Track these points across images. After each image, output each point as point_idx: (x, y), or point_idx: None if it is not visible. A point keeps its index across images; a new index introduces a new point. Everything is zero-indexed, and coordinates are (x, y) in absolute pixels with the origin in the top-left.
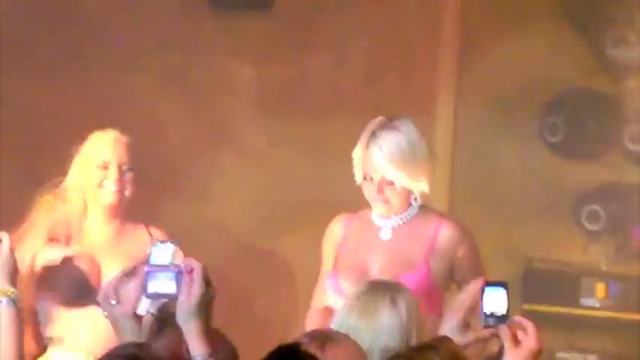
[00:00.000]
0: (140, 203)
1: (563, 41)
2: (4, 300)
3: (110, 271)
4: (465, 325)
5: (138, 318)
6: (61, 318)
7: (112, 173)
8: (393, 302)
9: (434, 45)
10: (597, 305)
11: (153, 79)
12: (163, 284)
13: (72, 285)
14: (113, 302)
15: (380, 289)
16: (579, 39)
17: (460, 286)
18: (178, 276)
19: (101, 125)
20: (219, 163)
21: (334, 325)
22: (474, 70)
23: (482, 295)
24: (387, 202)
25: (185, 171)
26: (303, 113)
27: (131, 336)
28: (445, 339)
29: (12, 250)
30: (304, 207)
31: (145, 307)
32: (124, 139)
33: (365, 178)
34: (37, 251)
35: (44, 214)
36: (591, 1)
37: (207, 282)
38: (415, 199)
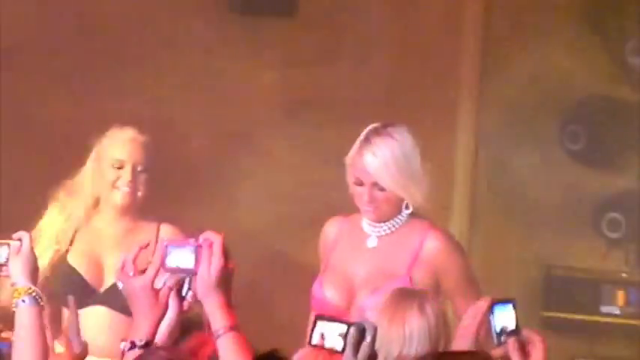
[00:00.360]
0: (162, 207)
1: (583, 50)
2: (27, 299)
3: (114, 269)
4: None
5: (155, 291)
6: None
7: (127, 174)
8: (422, 309)
9: (456, 53)
10: (617, 312)
11: (175, 84)
12: (182, 258)
13: (70, 287)
14: (131, 274)
15: (408, 297)
16: (600, 47)
17: (450, 298)
18: (197, 250)
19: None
20: (242, 168)
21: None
22: (496, 78)
23: (491, 314)
24: (377, 209)
25: (208, 175)
26: (326, 118)
27: (147, 310)
28: (481, 350)
29: (32, 249)
30: (326, 212)
31: (162, 280)
32: (141, 138)
33: (356, 183)
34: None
35: (53, 217)
36: (612, 10)
37: (226, 256)
38: (406, 206)
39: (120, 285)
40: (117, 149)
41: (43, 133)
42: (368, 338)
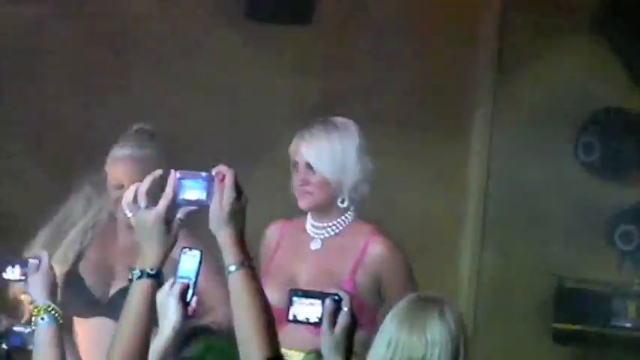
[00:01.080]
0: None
1: (598, 61)
2: (46, 317)
3: (120, 281)
4: None
5: (167, 223)
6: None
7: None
8: (442, 315)
9: (470, 65)
10: (629, 325)
11: (190, 91)
12: (194, 191)
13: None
14: (143, 206)
15: (427, 303)
16: (614, 59)
17: (390, 305)
18: (209, 183)
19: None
20: (256, 176)
21: (382, 338)
22: (510, 89)
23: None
24: (309, 194)
25: None
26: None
27: (157, 241)
28: None
29: (51, 267)
30: None
31: (174, 213)
32: (138, 154)
33: (293, 167)
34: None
35: (79, 209)
36: (627, 21)
37: (238, 189)
38: (342, 201)
39: (130, 215)
40: (113, 170)
41: (59, 138)
42: (344, 308)
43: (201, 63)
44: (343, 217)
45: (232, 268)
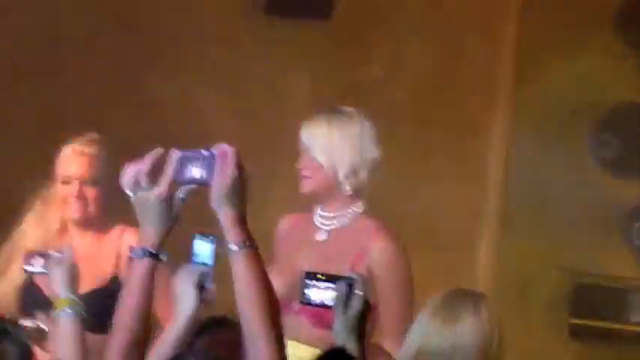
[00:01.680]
0: (198, 211)
1: (615, 58)
2: (68, 310)
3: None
4: None
5: (169, 202)
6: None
7: (73, 189)
8: (476, 310)
9: (489, 63)
10: None
11: (208, 85)
12: (196, 170)
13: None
14: (144, 185)
15: (463, 297)
16: (632, 56)
17: (381, 302)
18: (211, 161)
19: (156, 134)
20: (275, 170)
21: (415, 331)
22: (528, 87)
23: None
24: (307, 177)
25: None
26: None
27: (158, 220)
28: None
29: (74, 261)
30: None
31: (176, 192)
32: (89, 150)
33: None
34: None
35: (30, 228)
36: None
37: (240, 167)
38: (347, 192)
39: (131, 195)
40: (62, 165)
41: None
42: (358, 291)
43: (220, 57)
44: (350, 209)
45: (233, 247)
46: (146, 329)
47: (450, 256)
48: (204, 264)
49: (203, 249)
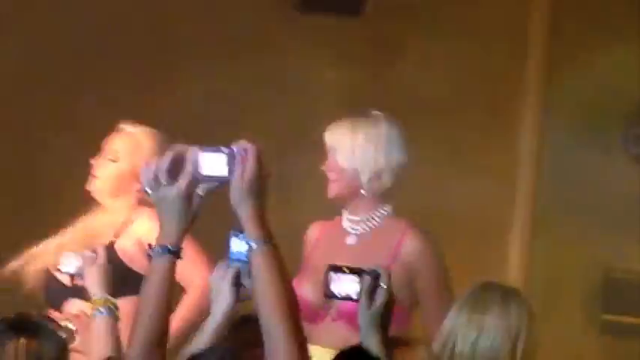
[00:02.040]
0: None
1: None
2: (104, 310)
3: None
4: None
5: (189, 199)
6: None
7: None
8: (505, 303)
9: (521, 56)
10: None
11: (236, 81)
12: (216, 167)
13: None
14: (164, 183)
15: (493, 289)
16: None
17: (421, 300)
18: (230, 158)
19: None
20: (303, 166)
21: (447, 320)
22: (560, 81)
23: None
24: (332, 180)
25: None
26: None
27: (178, 218)
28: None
29: (108, 260)
30: None
31: (195, 189)
32: (122, 129)
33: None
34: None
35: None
36: None
37: (260, 164)
38: (367, 195)
39: (150, 192)
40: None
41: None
42: (383, 284)
43: (248, 53)
44: (379, 212)
45: (252, 244)
46: (166, 328)
47: (483, 252)
48: (241, 261)
49: (239, 246)
